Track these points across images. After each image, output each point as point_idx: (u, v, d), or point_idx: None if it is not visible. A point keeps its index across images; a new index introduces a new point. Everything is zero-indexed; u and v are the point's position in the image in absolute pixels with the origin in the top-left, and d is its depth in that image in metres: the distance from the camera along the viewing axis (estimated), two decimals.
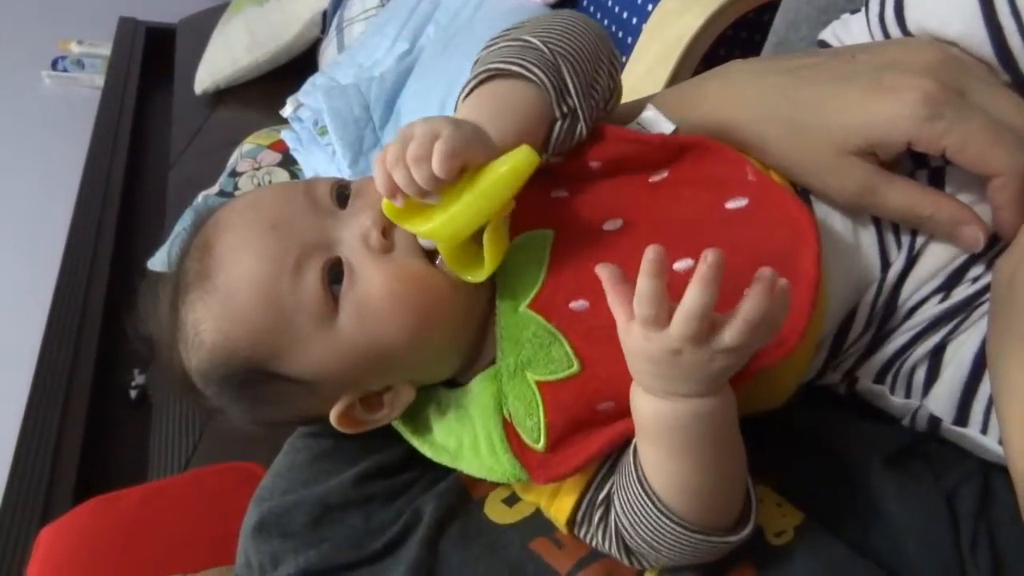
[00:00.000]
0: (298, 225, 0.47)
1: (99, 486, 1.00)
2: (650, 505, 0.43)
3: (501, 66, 0.47)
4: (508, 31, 0.51)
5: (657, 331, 0.38)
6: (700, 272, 0.37)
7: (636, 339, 0.39)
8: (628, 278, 0.39)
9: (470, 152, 0.42)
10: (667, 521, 0.42)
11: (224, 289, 0.47)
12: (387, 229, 0.47)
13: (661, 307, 0.37)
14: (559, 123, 0.47)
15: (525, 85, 0.46)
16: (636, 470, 0.43)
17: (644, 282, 0.37)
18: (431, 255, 0.47)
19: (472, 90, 0.48)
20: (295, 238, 0.47)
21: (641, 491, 0.43)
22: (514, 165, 0.42)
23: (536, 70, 0.46)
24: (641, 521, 0.43)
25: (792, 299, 0.41)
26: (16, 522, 1.06)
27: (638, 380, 0.41)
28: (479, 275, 0.45)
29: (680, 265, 0.45)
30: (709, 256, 0.37)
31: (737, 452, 0.43)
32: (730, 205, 0.47)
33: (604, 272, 0.39)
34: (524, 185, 0.43)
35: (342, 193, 0.50)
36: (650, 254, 0.37)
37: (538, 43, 0.48)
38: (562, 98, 0.47)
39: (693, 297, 0.37)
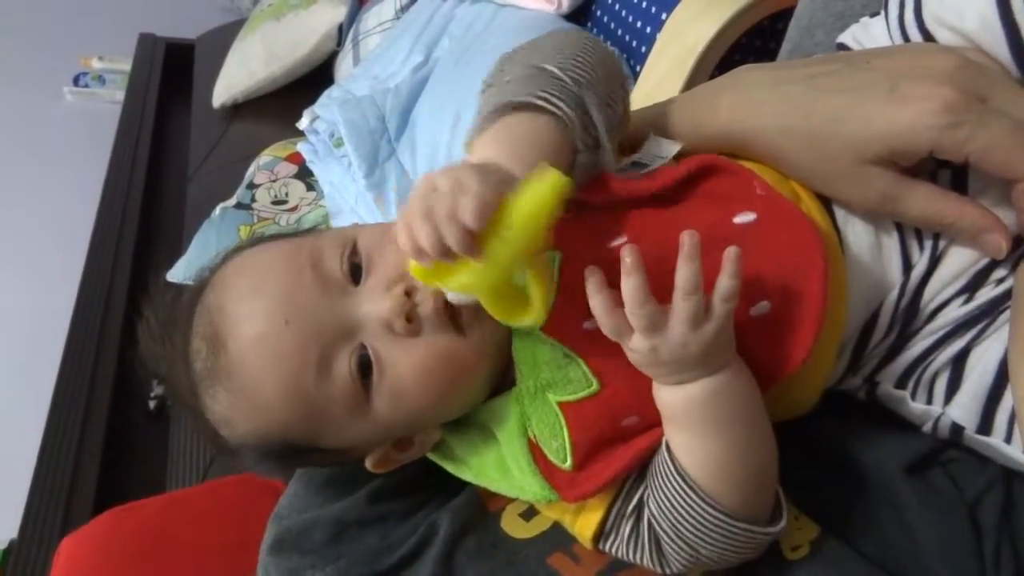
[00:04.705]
0: (312, 315, 0.45)
1: (118, 496, 1.01)
2: (690, 493, 0.43)
3: (522, 99, 0.45)
4: (520, 50, 0.50)
5: (628, 339, 0.41)
6: (623, 267, 0.39)
7: (631, 354, 0.42)
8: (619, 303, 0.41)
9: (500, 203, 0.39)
10: (708, 508, 0.43)
11: (249, 389, 0.46)
12: (411, 313, 0.45)
13: (620, 320, 0.41)
14: (581, 154, 0.47)
15: (548, 119, 0.45)
16: (672, 462, 0.44)
17: (593, 301, 0.41)
18: (455, 318, 0.45)
19: (491, 122, 0.46)
20: (312, 332, 0.45)
21: (679, 481, 0.43)
22: (539, 194, 0.38)
23: (561, 103, 0.45)
24: (682, 517, 0.43)
25: (800, 317, 0.44)
26: (38, 532, 1.07)
27: (654, 380, 0.44)
28: (526, 319, 0.41)
29: None
30: (626, 252, 0.39)
31: (762, 428, 0.44)
32: (738, 220, 0.46)
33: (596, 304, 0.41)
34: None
35: (353, 264, 0.47)
36: (588, 274, 0.40)
37: (558, 72, 0.46)
38: (586, 130, 0.46)
39: (626, 290, 0.40)
